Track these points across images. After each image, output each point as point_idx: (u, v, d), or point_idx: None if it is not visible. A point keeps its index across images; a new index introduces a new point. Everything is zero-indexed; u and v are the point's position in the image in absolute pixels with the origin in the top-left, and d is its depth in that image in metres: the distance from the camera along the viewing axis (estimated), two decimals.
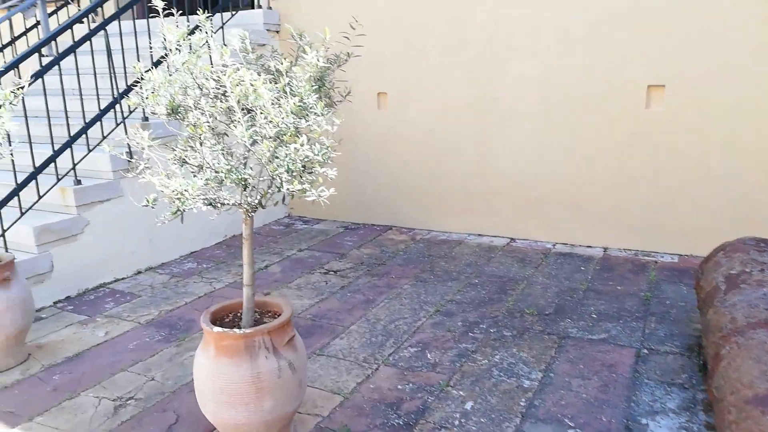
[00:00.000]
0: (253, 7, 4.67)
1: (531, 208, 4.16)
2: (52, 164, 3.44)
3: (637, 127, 3.72)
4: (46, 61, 3.67)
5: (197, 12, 2.03)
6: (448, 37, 4.13)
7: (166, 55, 1.89)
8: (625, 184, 3.83)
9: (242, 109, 1.75)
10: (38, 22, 5.11)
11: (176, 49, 1.87)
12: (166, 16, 2.08)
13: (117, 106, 3.74)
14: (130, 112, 3.80)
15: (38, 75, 3.30)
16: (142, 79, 1.87)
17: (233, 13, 4.50)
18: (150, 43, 3.82)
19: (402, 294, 3.40)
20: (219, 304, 2.10)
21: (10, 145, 2.53)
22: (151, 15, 2.25)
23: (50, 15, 5.24)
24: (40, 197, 3.37)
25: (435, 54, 4.20)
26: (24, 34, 5.21)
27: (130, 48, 3.95)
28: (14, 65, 3.20)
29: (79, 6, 5.47)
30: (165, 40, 1.86)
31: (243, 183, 1.80)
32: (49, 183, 3.44)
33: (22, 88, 2.56)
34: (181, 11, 2.36)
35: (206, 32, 2.03)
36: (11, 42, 5.13)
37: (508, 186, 4.19)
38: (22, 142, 3.29)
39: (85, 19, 3.74)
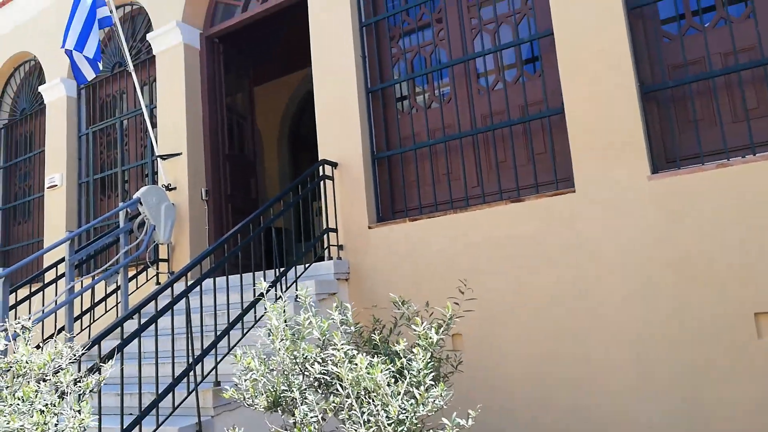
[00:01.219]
0: (323, 259, 4.81)
1: None
2: None
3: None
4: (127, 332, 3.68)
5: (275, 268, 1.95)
6: (530, 286, 4.04)
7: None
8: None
9: (356, 397, 1.54)
10: (118, 287, 5.35)
11: (279, 332, 1.75)
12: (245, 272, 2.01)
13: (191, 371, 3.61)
14: (203, 378, 3.65)
15: (119, 348, 3.26)
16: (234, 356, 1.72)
17: (307, 266, 4.62)
18: (228, 297, 3.85)
19: None
20: None
21: None
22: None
23: (130, 279, 5.52)
24: None
25: (507, 304, 4.07)
26: (104, 299, 5.43)
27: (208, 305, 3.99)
28: (98, 341, 3.19)
29: (158, 282, 5.78)
30: (267, 318, 1.75)
31: None
32: None
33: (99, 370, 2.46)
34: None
35: (306, 304, 1.93)
36: (91, 308, 5.32)
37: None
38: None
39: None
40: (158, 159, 6.01)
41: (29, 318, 2.59)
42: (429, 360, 1.54)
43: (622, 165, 3.77)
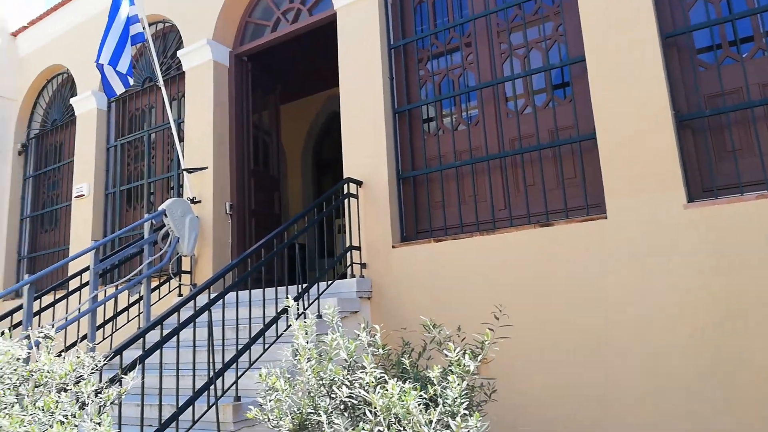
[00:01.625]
0: (345, 277, 4.78)
1: None
2: None
3: None
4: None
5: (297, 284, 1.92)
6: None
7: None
8: None
9: (387, 426, 1.49)
10: (141, 297, 5.36)
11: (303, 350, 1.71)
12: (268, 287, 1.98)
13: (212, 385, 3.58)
14: (224, 392, 3.61)
15: (141, 359, 3.25)
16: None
17: (329, 282, 4.59)
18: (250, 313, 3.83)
19: None
20: None
21: None
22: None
23: (153, 290, 5.54)
24: None
25: (534, 327, 3.99)
26: (126, 309, 5.45)
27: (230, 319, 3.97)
28: (120, 351, 3.18)
29: (181, 293, 5.80)
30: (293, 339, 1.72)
31: None
32: None
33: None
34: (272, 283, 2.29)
35: (333, 324, 1.89)
36: (114, 317, 5.34)
37: None
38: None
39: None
40: (184, 172, 6.06)
41: (52, 325, 2.59)
42: (464, 389, 1.49)
43: (656, 193, 3.70)
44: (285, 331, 3.92)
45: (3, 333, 2.43)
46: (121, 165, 7.27)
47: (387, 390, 1.45)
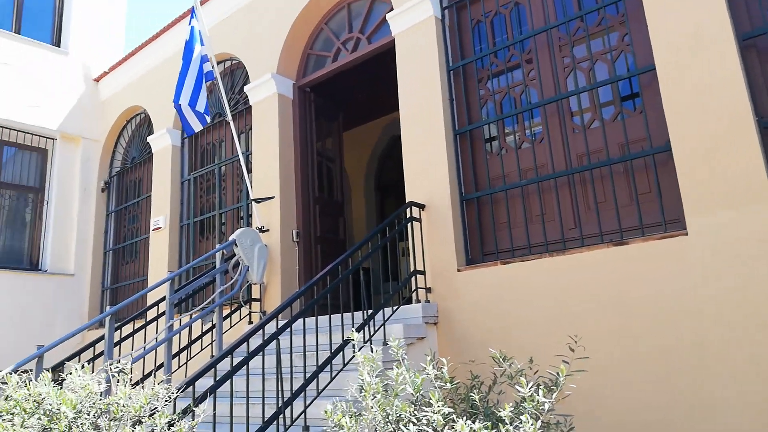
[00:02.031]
0: (411, 301, 4.72)
1: None
2: None
3: None
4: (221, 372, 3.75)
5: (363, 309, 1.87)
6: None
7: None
8: None
9: None
10: (214, 325, 5.52)
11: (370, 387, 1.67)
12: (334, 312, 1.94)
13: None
14: (293, 422, 3.62)
15: (212, 390, 3.31)
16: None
17: (394, 308, 4.54)
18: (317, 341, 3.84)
19: None
20: None
21: None
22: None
23: (225, 318, 5.69)
24: None
25: (609, 354, 3.76)
26: (200, 337, 5.61)
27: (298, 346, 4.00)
28: (192, 382, 3.26)
29: (251, 321, 5.93)
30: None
31: None
32: None
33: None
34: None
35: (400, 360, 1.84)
36: (188, 345, 5.51)
37: None
38: None
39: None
40: (253, 202, 6.24)
41: (130, 354, 2.70)
42: (539, 428, 1.39)
43: (743, 207, 3.42)
44: (352, 359, 3.89)
45: (83, 367, 2.53)
46: (194, 197, 7.59)
47: (456, 431, 1.38)
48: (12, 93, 8.37)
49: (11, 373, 2.49)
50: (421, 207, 4.93)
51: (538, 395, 1.46)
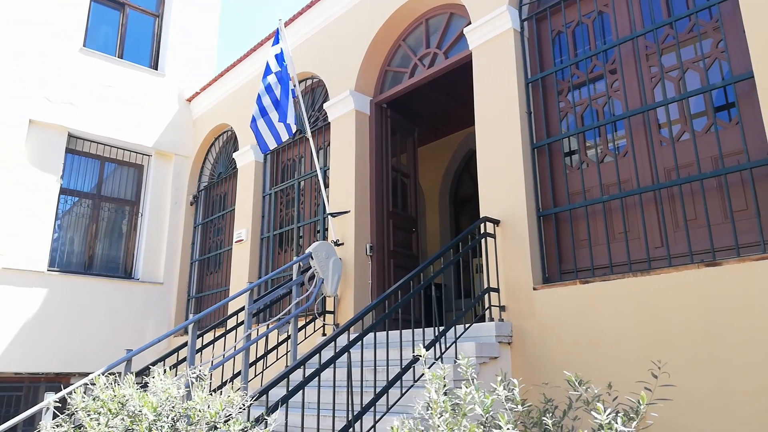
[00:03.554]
0: (484, 319, 4.60)
1: None
2: None
3: None
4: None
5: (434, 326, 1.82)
6: None
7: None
8: None
9: None
10: (289, 336, 5.64)
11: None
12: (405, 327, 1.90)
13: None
14: None
15: (284, 400, 3.37)
16: None
17: (466, 326, 4.45)
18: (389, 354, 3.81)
19: None
20: None
21: None
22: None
23: (300, 329, 5.81)
24: None
25: (698, 384, 3.47)
26: (276, 347, 5.76)
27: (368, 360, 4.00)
28: (265, 391, 3.34)
29: (324, 333, 6.02)
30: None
31: None
32: None
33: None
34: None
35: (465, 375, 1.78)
36: (264, 354, 5.66)
37: None
38: None
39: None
40: (329, 216, 6.37)
41: (211, 361, 2.81)
42: None
43: None
44: (422, 376, 3.84)
45: (166, 372, 2.66)
46: (274, 211, 7.86)
47: None
48: (114, 113, 9.08)
49: (100, 375, 2.66)
50: (496, 222, 4.82)
51: (617, 423, 1.37)
